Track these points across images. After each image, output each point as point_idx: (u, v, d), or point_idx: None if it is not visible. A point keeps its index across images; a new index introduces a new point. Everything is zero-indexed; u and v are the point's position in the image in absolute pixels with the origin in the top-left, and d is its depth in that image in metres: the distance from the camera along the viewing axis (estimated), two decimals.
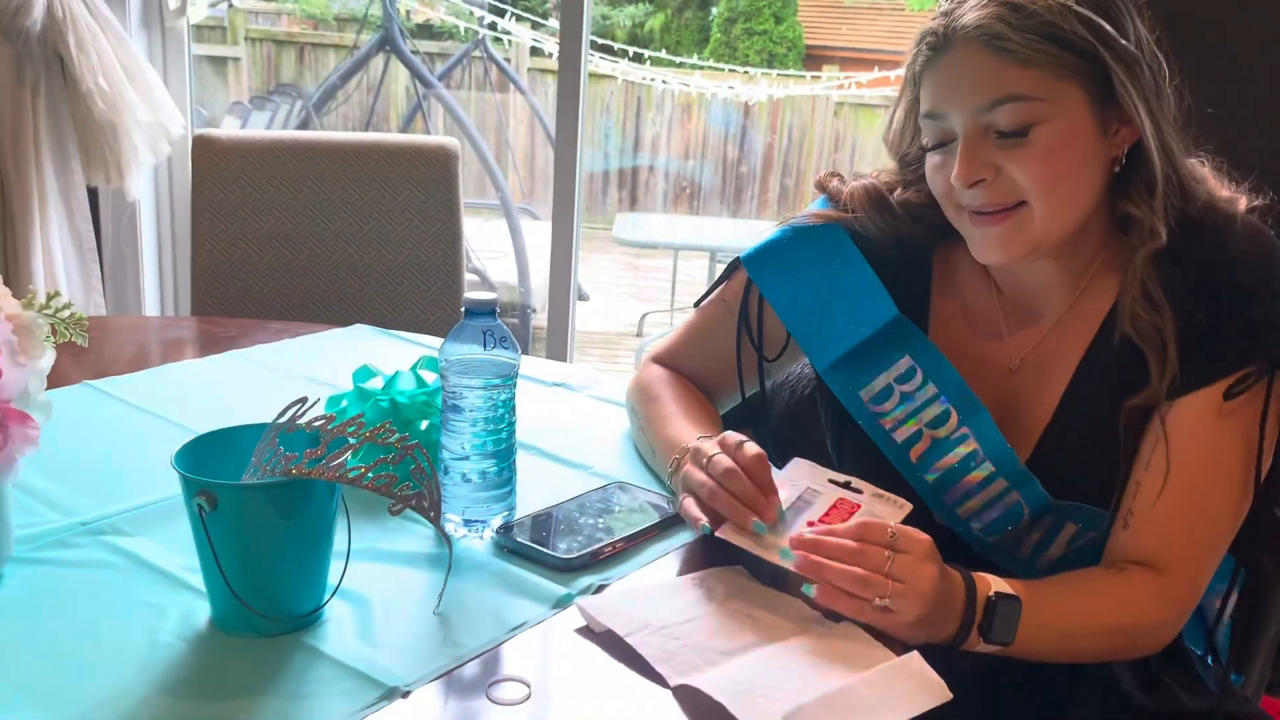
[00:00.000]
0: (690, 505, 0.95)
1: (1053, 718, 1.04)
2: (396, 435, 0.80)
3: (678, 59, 5.86)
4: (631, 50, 5.31)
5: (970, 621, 0.88)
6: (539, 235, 4.21)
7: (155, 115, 2.28)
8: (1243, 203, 0.99)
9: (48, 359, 0.87)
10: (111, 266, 2.46)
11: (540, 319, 4.12)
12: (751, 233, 5.02)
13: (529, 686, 0.78)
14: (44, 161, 2.25)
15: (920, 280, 1.10)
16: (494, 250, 4.38)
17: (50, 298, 0.87)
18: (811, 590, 0.86)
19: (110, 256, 2.45)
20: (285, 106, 4.78)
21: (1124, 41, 0.93)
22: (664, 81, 5.44)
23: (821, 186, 1.14)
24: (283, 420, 0.80)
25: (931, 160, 0.99)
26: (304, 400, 0.81)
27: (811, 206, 1.14)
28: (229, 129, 4.56)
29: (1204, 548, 0.97)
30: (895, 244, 1.08)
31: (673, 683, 0.78)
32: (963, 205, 0.98)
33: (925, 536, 0.88)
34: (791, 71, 6.05)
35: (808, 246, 1.10)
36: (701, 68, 5.90)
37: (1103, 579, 0.98)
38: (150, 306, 2.53)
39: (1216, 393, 0.94)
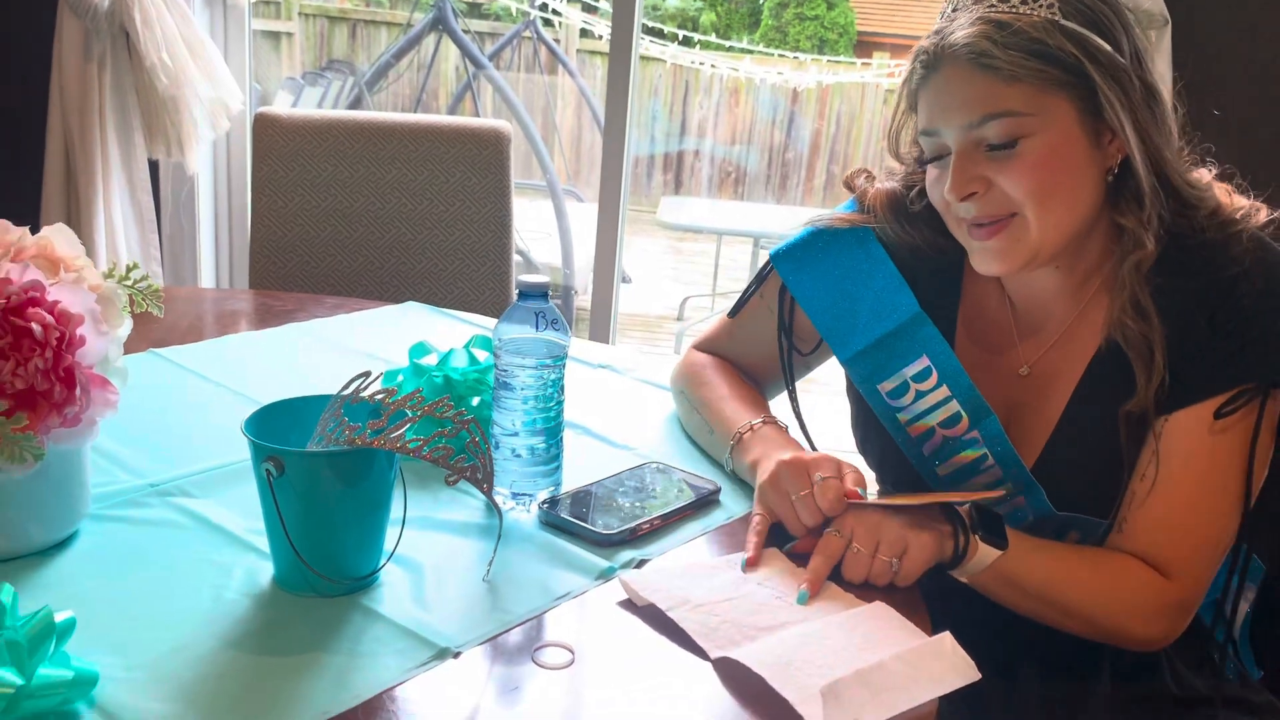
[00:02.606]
0: (759, 526, 0.97)
1: (1064, 698, 1.06)
2: (453, 410, 0.84)
3: (727, 43, 5.86)
4: (681, 34, 5.31)
5: (959, 529, 0.92)
6: (583, 217, 4.25)
7: (216, 91, 2.34)
8: (1263, 214, 1.00)
9: (125, 328, 0.92)
10: (169, 238, 2.53)
11: (582, 300, 4.16)
12: (797, 220, 5.00)
13: (572, 653, 0.82)
14: (108, 133, 2.32)
15: (951, 287, 1.12)
16: (538, 231, 4.42)
17: (130, 269, 0.92)
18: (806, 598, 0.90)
19: (168, 228, 2.52)
20: (337, 83, 4.84)
21: (1113, 54, 0.94)
22: (712, 66, 5.44)
23: (849, 185, 1.17)
24: (347, 392, 0.85)
25: (930, 174, 1.03)
26: (367, 374, 0.85)
27: (838, 209, 1.17)
28: (282, 104, 4.63)
29: (1196, 558, 0.98)
30: (927, 248, 1.10)
31: (713, 655, 0.81)
32: (961, 217, 1.00)
33: (867, 517, 0.93)
34: (842, 58, 6.03)
35: (834, 244, 1.14)
36: (751, 52, 5.89)
37: (1097, 549, 1.01)
38: (206, 277, 2.60)
39: (1209, 409, 0.96)
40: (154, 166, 2.43)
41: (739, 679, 0.79)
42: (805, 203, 5.80)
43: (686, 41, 5.39)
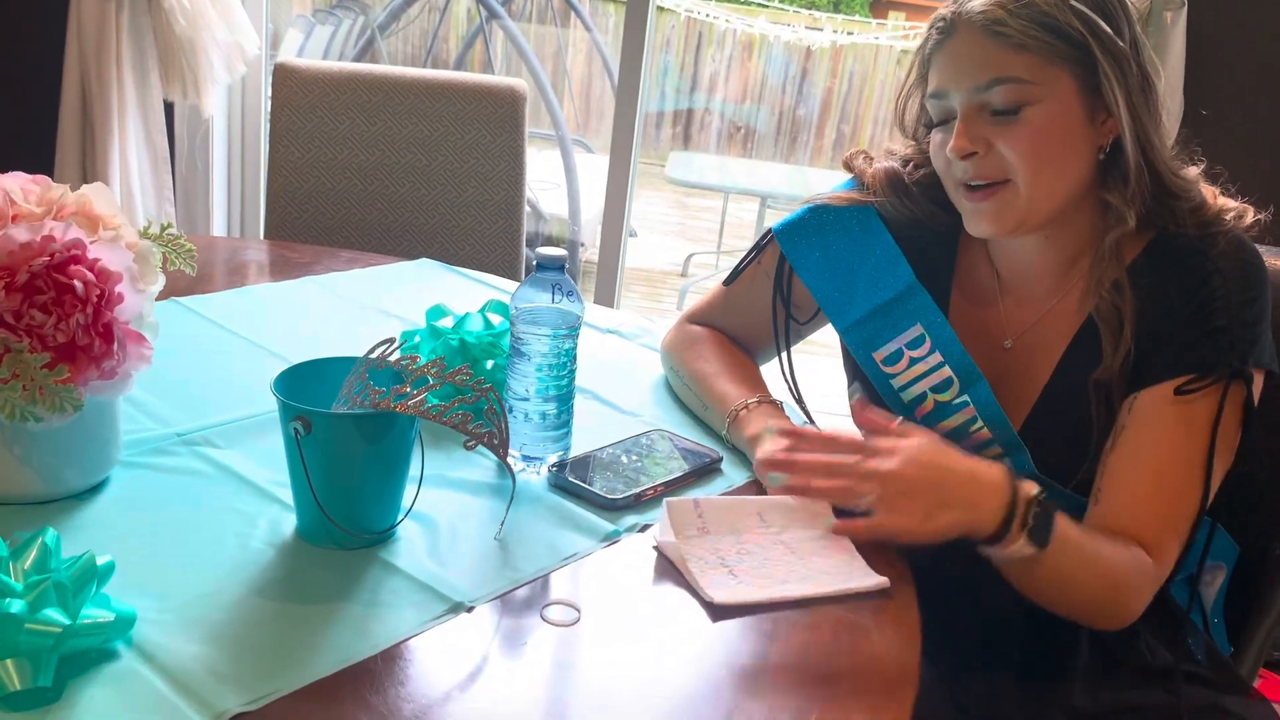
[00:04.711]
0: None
1: (1044, 671, 1.11)
2: (473, 378, 0.88)
3: None
4: None
5: (1010, 520, 0.91)
6: (591, 168, 4.25)
7: (233, 35, 2.35)
8: (1249, 217, 1.05)
9: (159, 284, 0.95)
10: (183, 179, 2.55)
11: (588, 254, 4.18)
12: (805, 179, 5.02)
13: (579, 611, 0.86)
14: (125, 73, 2.33)
15: (947, 258, 1.17)
16: (547, 181, 4.42)
17: (164, 228, 0.95)
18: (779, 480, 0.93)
19: (183, 170, 2.54)
20: (347, 21, 4.81)
21: (1115, 37, 1.01)
22: (727, 20, 5.40)
23: (848, 166, 1.22)
24: (373, 357, 0.89)
25: (935, 138, 1.08)
26: (390, 340, 0.89)
27: (837, 187, 1.21)
28: (292, 42, 4.60)
29: (1168, 527, 1.01)
30: (924, 224, 1.15)
31: (717, 600, 0.87)
32: (958, 180, 1.05)
33: (910, 442, 0.92)
34: (857, 17, 5.99)
35: (835, 220, 1.18)
36: (766, 7, 5.84)
37: (1114, 538, 1.01)
38: (218, 221, 2.63)
39: (1171, 387, 1.01)
40: (169, 108, 2.45)
41: (738, 639, 0.84)
42: (814, 162, 5.78)
43: None
